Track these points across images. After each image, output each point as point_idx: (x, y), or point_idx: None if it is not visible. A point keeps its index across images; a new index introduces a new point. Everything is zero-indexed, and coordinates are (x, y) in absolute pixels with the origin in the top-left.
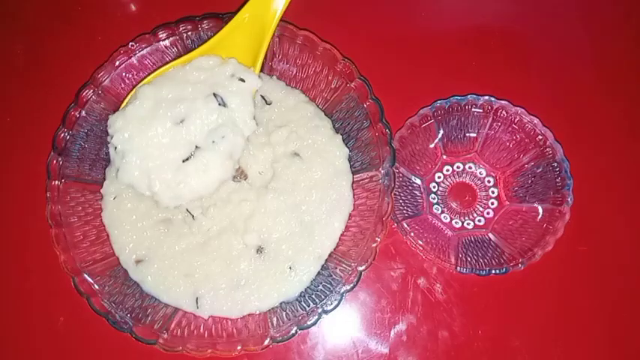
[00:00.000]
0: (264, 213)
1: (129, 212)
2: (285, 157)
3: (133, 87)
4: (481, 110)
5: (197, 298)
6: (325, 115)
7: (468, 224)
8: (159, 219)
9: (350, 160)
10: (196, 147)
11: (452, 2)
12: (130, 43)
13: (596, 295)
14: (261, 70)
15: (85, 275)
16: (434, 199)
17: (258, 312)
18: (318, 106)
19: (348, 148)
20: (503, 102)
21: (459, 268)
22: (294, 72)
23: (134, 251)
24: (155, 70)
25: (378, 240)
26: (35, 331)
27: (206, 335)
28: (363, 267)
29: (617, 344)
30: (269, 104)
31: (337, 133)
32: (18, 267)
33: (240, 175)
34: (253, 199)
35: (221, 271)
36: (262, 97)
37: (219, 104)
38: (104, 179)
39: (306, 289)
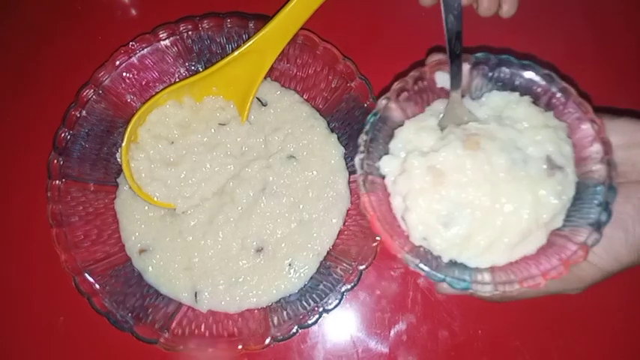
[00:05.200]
0: (262, 215)
1: (143, 202)
2: (281, 160)
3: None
4: None
5: (196, 293)
6: (320, 114)
7: None
8: (168, 211)
9: (349, 158)
10: None
11: None
12: (131, 43)
13: (597, 294)
14: None
15: (86, 275)
16: None
17: (256, 308)
18: (312, 106)
19: (348, 147)
20: None
21: None
22: (295, 71)
23: (139, 240)
24: (160, 90)
25: (379, 239)
26: (35, 331)
27: (207, 334)
28: (364, 266)
29: (617, 344)
30: (265, 105)
31: (333, 132)
32: (19, 267)
33: (238, 177)
34: (252, 201)
35: (219, 268)
36: (258, 98)
37: None
38: (105, 179)
39: (306, 288)
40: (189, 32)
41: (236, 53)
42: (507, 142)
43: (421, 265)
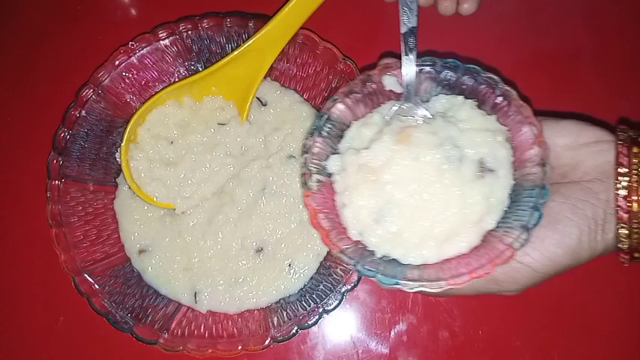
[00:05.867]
0: (262, 215)
1: (142, 202)
2: (281, 160)
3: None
4: None
5: (195, 293)
6: None
7: None
8: (167, 211)
9: None
10: None
11: None
12: (130, 43)
13: (597, 294)
14: None
15: (86, 275)
16: None
17: (256, 308)
18: (312, 106)
19: None
20: None
21: None
22: (295, 71)
23: (138, 240)
24: (159, 90)
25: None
26: (35, 331)
27: (207, 335)
28: None
29: (617, 344)
30: (264, 105)
31: None
32: (18, 267)
33: (238, 177)
34: (251, 201)
35: (219, 268)
36: (258, 98)
37: None
38: (104, 179)
39: (306, 289)
40: (189, 32)
41: (236, 53)
42: (446, 139)
43: (352, 262)
